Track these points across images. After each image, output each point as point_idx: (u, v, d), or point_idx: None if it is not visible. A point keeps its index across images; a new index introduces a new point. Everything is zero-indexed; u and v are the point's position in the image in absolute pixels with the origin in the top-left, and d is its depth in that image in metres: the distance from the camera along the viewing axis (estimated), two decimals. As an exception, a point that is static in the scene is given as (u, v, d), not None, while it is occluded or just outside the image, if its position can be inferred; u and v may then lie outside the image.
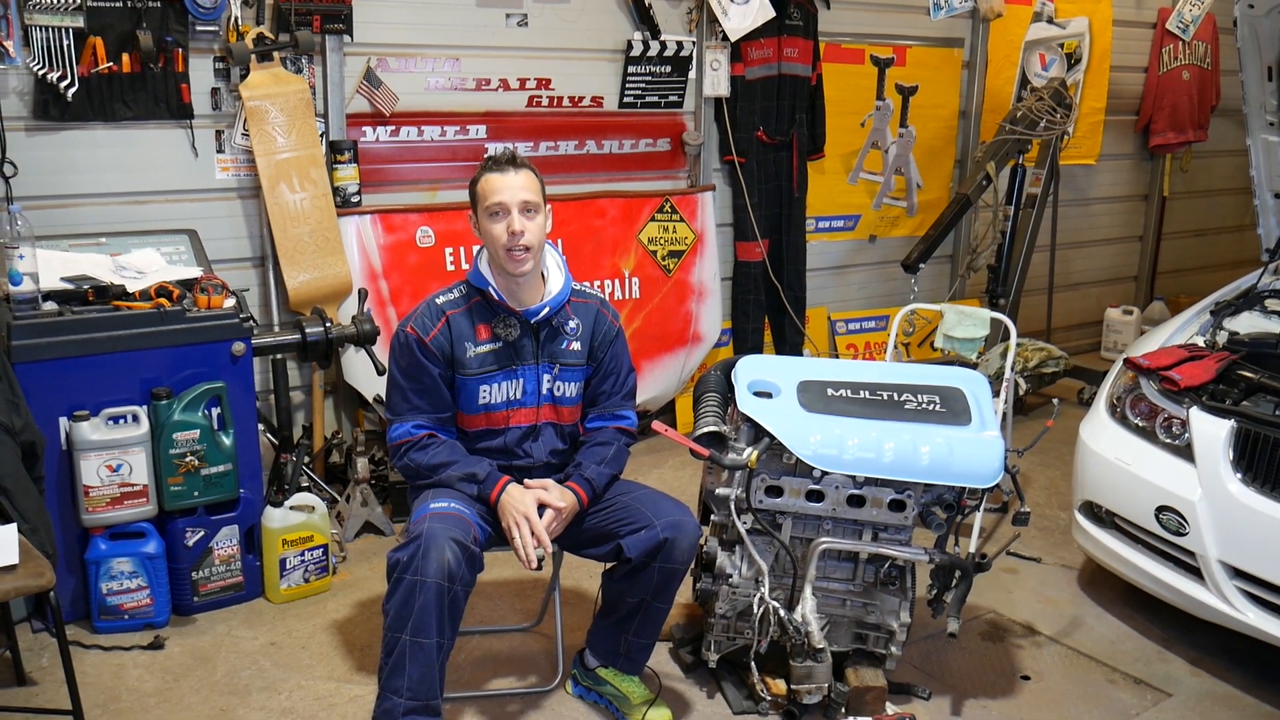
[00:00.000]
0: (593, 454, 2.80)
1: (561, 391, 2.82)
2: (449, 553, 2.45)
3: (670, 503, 2.75)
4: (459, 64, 4.34)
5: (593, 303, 2.87)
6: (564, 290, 2.79)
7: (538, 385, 2.79)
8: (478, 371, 2.74)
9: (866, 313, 5.78)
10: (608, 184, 4.77)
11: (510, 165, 2.70)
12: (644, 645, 2.84)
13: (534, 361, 2.78)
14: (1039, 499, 4.42)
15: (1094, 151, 6.40)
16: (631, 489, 2.83)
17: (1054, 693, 3.07)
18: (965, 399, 2.89)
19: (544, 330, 2.78)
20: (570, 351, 2.81)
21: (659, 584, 2.70)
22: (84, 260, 3.36)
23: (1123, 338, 6.52)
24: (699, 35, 4.82)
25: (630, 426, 2.90)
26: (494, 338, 2.75)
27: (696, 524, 2.71)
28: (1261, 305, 3.75)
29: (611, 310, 2.90)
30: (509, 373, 2.77)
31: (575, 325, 2.82)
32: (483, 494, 2.69)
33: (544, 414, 2.83)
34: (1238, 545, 2.99)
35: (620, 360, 2.89)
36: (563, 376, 2.81)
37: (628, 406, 2.91)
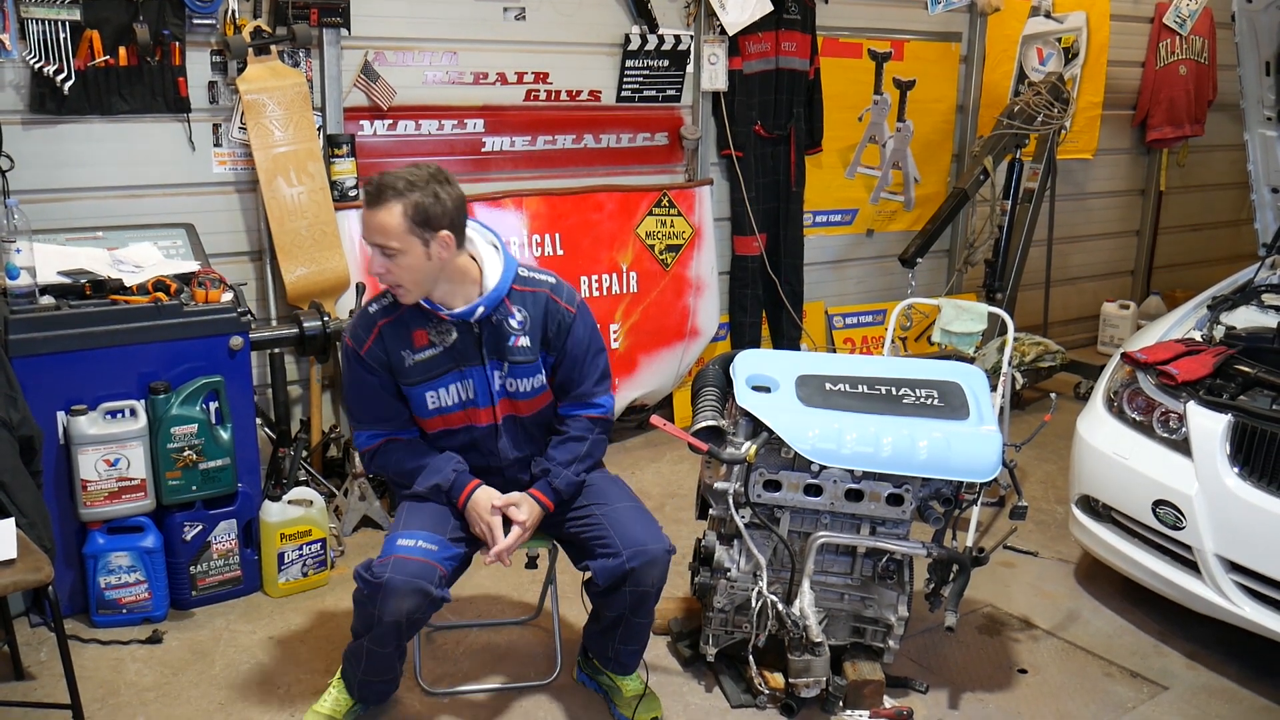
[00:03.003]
0: (563, 452, 2.70)
1: (517, 388, 2.66)
2: (407, 603, 2.46)
3: (640, 525, 2.65)
4: (456, 58, 4.33)
5: (541, 290, 2.64)
6: (501, 285, 2.58)
7: (489, 384, 2.64)
8: (422, 379, 2.62)
9: (864, 307, 5.79)
10: (605, 178, 4.76)
11: (375, 201, 2.44)
12: (632, 651, 2.82)
13: (480, 362, 2.62)
14: (1036, 493, 4.43)
15: (1091, 146, 6.40)
16: (607, 497, 2.73)
17: (1050, 686, 3.07)
18: (963, 393, 2.89)
19: (485, 329, 2.60)
20: (519, 348, 2.62)
21: (632, 604, 2.66)
22: (81, 254, 3.35)
23: (1119, 332, 6.53)
24: (697, 29, 4.81)
25: (603, 413, 2.75)
26: (431, 343, 2.60)
27: (666, 548, 2.63)
28: (1258, 300, 3.76)
29: (566, 293, 2.67)
30: (456, 375, 2.62)
31: (522, 319, 2.62)
32: (451, 501, 2.67)
33: (502, 411, 2.69)
34: (1234, 539, 3.00)
35: (584, 345, 2.68)
36: (515, 373, 2.64)
37: (600, 390, 2.74)
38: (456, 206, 2.48)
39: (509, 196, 4.43)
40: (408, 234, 2.42)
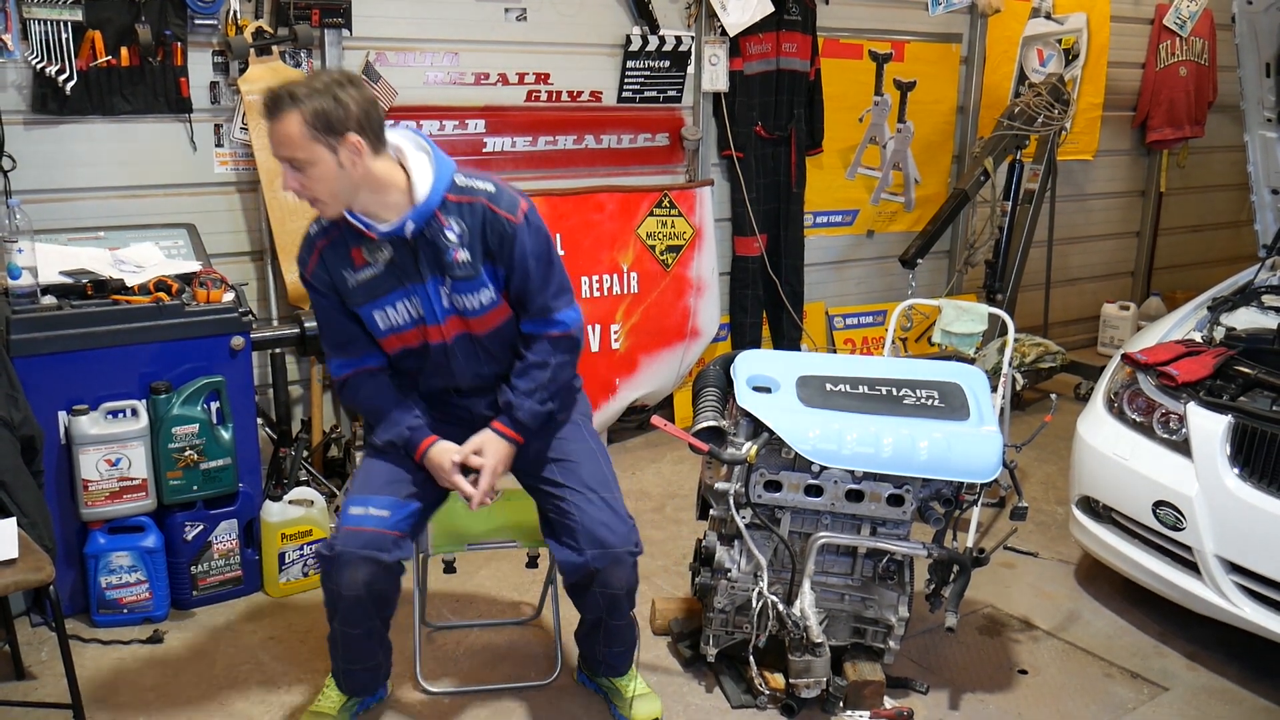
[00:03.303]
0: (525, 380, 2.55)
1: (464, 304, 2.50)
2: (360, 574, 2.46)
3: (606, 520, 2.57)
4: (458, 58, 4.33)
5: (478, 200, 2.44)
6: (432, 197, 2.40)
7: (433, 301, 2.49)
8: (366, 299, 2.50)
9: (864, 308, 5.79)
10: (606, 179, 4.76)
11: (273, 112, 2.30)
12: (618, 653, 2.80)
13: (421, 278, 2.46)
14: (1036, 494, 4.43)
15: (1091, 147, 6.40)
16: (578, 475, 2.62)
17: (1051, 687, 3.08)
18: (963, 394, 2.89)
19: (421, 244, 2.44)
20: (459, 263, 2.45)
21: (606, 607, 2.64)
22: (83, 254, 3.36)
23: (1119, 333, 6.53)
24: (698, 30, 4.82)
25: (565, 331, 2.56)
26: (369, 262, 2.47)
27: (630, 549, 2.57)
28: (1258, 301, 3.76)
29: (507, 201, 2.46)
30: (401, 292, 2.48)
31: (459, 232, 2.43)
32: (409, 455, 2.62)
33: (453, 329, 2.53)
34: (1235, 540, 3.00)
35: (532, 256, 2.48)
36: (459, 289, 2.48)
37: (560, 305, 2.56)
38: (363, 109, 2.31)
39: (510, 197, 4.43)
40: (312, 142, 2.28)
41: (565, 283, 2.59)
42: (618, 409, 4.75)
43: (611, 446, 4.82)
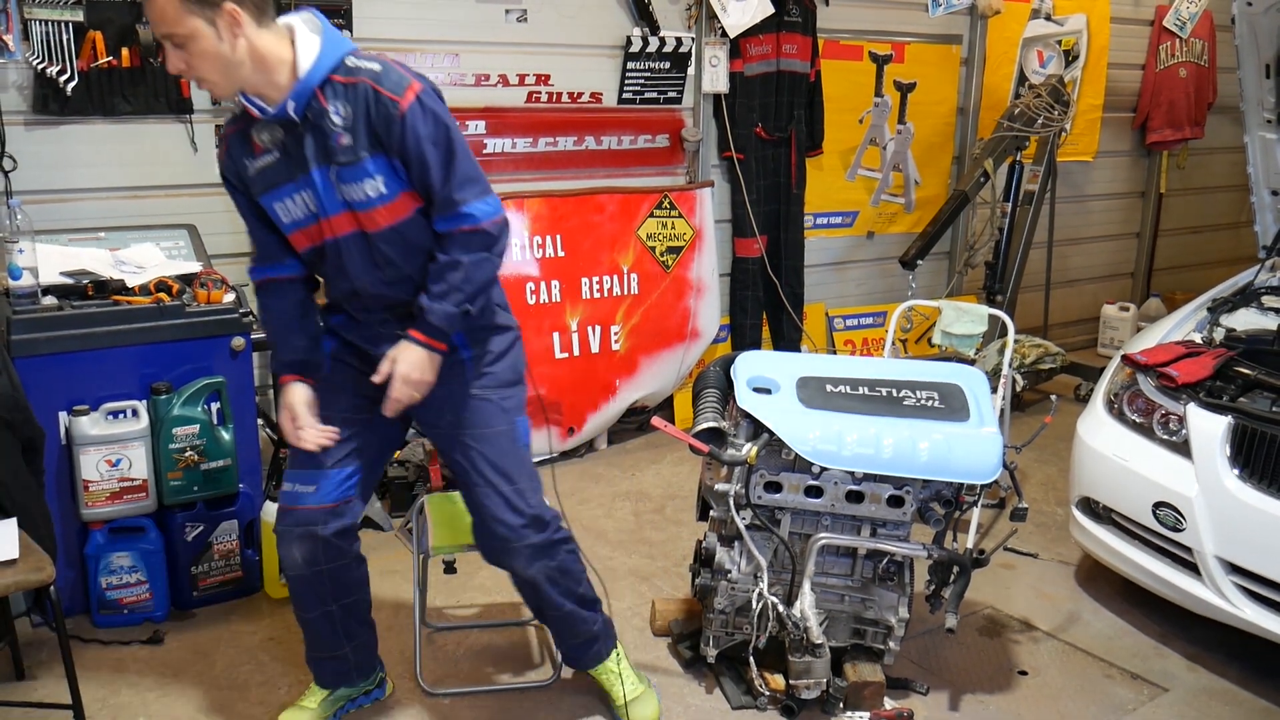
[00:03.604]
0: (438, 283, 2.36)
1: (351, 196, 2.32)
2: (297, 552, 2.50)
3: (500, 508, 2.49)
4: (458, 59, 4.34)
5: (362, 81, 2.25)
6: (311, 75, 2.24)
7: (321, 192, 2.33)
8: (264, 189, 2.38)
9: (864, 309, 5.79)
10: (606, 180, 4.77)
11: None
12: (574, 646, 2.76)
13: (307, 166, 2.31)
14: (1036, 495, 4.43)
15: (1091, 148, 6.41)
16: (483, 452, 2.50)
17: (1051, 688, 3.08)
18: (964, 395, 2.90)
19: (308, 128, 2.28)
20: (342, 148, 2.27)
21: (532, 597, 2.65)
22: (83, 255, 3.36)
23: (1119, 334, 6.54)
24: (698, 31, 4.82)
25: (476, 224, 2.33)
26: (266, 149, 2.34)
27: (526, 539, 2.49)
28: (1258, 302, 3.77)
29: (393, 81, 2.25)
30: (298, 184, 2.34)
31: (343, 114, 2.26)
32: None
33: (343, 224, 2.36)
34: (1235, 541, 3.00)
35: (429, 142, 2.27)
36: (344, 178, 2.30)
37: (468, 197, 2.33)
38: None
39: (510, 198, 4.43)
40: (187, 15, 2.14)
41: (473, 172, 2.35)
42: (618, 410, 4.76)
43: (612, 448, 4.83)
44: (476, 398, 2.52)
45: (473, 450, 2.51)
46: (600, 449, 4.81)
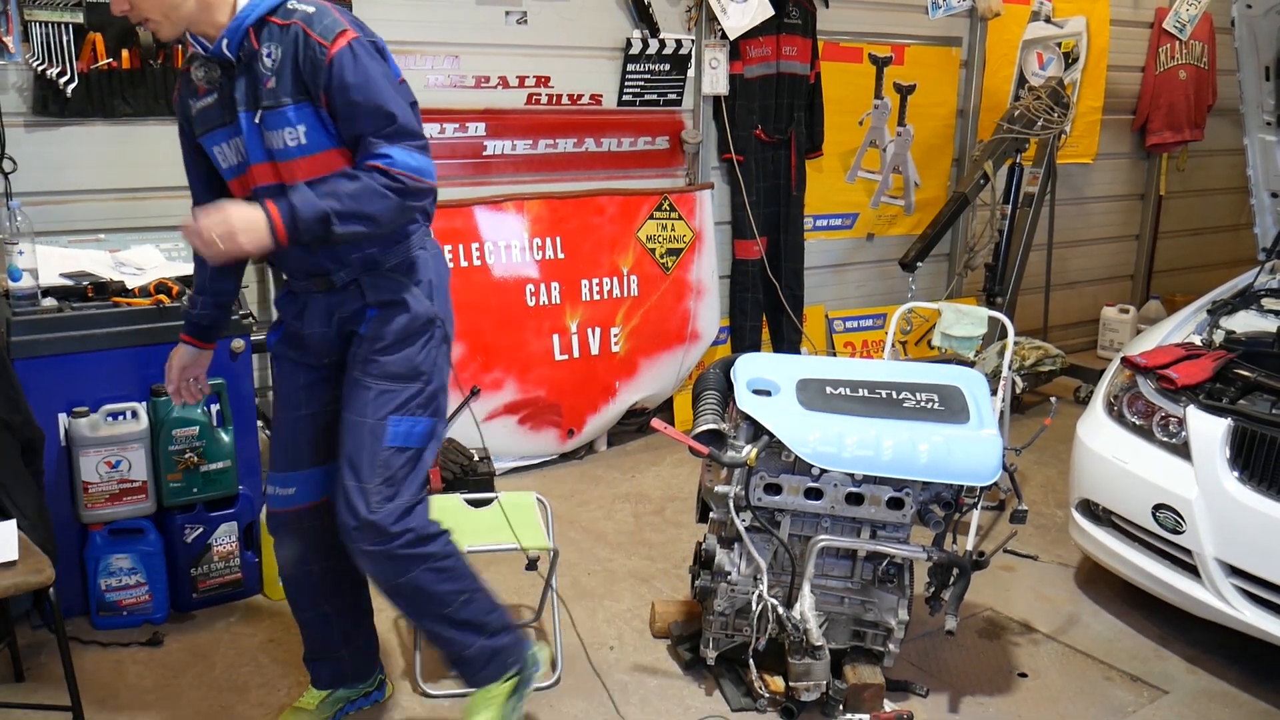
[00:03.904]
0: (323, 184, 2.19)
1: (273, 143, 2.22)
2: (285, 551, 2.55)
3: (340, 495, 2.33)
4: (458, 61, 4.34)
5: (294, 23, 2.17)
6: (246, 14, 2.19)
7: (247, 137, 2.24)
8: (203, 129, 2.33)
9: (864, 311, 5.79)
10: (606, 182, 4.77)
11: None
12: (453, 659, 2.55)
13: (239, 109, 2.23)
14: (1036, 497, 4.43)
15: (1091, 150, 6.41)
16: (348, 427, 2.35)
17: (1051, 690, 3.08)
18: (963, 397, 2.90)
19: (241, 70, 2.21)
20: (267, 91, 2.19)
21: (393, 602, 2.46)
22: (83, 256, 3.36)
23: (1119, 336, 6.54)
24: (698, 33, 4.82)
25: (392, 166, 2.17)
26: (208, 89, 2.27)
27: (363, 542, 2.32)
28: (1258, 304, 3.77)
29: (325, 25, 2.16)
30: (229, 128, 2.27)
31: (274, 57, 2.19)
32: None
33: (265, 176, 2.27)
34: (1235, 543, 3.00)
35: (356, 90, 2.15)
36: (268, 124, 2.21)
37: (392, 142, 2.18)
38: None
39: (510, 200, 4.44)
40: None
41: (408, 126, 2.20)
42: (617, 412, 4.76)
43: (611, 449, 4.83)
44: (356, 380, 2.38)
45: (342, 431, 2.38)
46: (600, 451, 4.81)
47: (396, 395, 2.37)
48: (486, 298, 4.36)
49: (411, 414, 2.38)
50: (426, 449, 2.41)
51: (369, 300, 2.37)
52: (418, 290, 2.41)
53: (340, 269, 2.36)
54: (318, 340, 2.45)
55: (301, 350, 2.49)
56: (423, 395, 2.41)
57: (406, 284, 2.39)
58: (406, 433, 2.38)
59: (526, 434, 4.50)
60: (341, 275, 2.37)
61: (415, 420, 2.39)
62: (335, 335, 2.43)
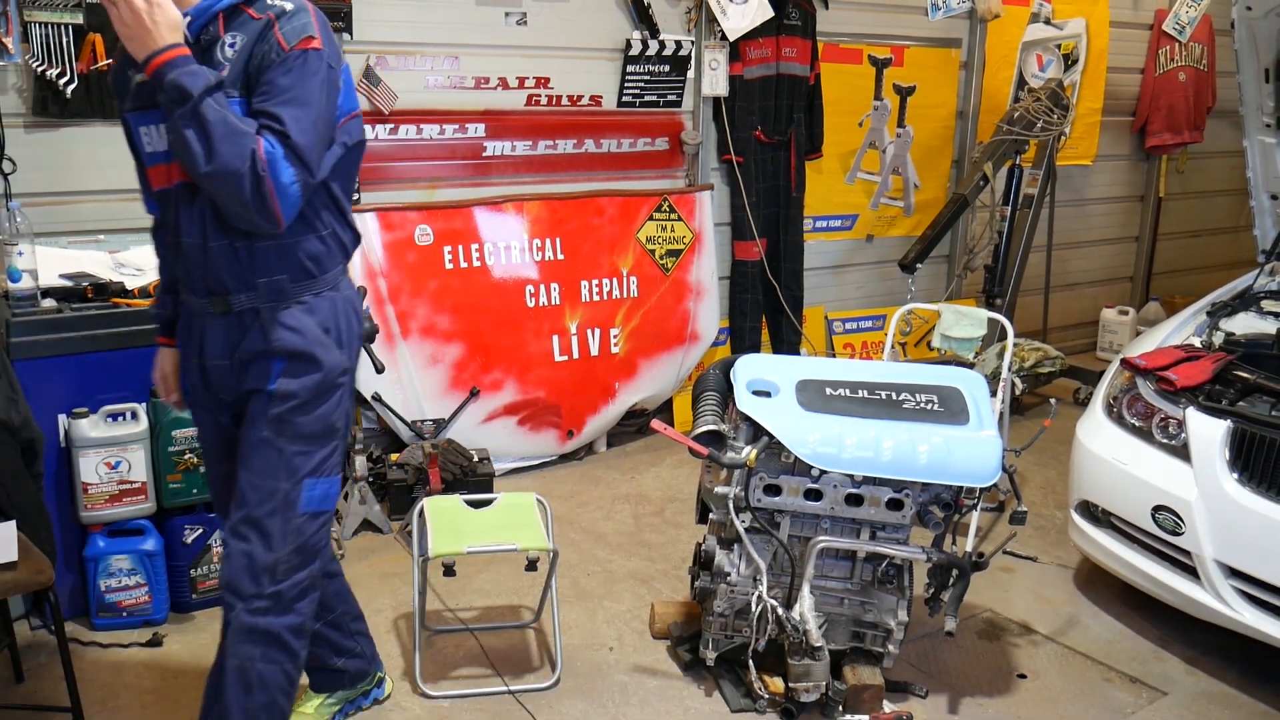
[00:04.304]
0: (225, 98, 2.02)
1: None
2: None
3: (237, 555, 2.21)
4: (458, 62, 4.34)
5: (264, 16, 2.05)
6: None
7: None
8: (135, 105, 2.16)
9: (864, 312, 5.79)
10: (606, 183, 4.77)
11: None
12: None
13: None
14: (1035, 498, 4.43)
15: (1090, 152, 6.41)
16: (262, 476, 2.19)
17: (1050, 691, 3.08)
18: (963, 398, 2.90)
19: (197, 53, 2.05)
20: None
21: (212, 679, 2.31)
22: (83, 257, 3.36)
23: (1118, 338, 6.54)
24: (698, 35, 4.82)
25: (274, 156, 1.99)
26: None
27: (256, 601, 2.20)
28: (1257, 306, 3.77)
29: (294, 28, 2.04)
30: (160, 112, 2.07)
31: (235, 46, 2.05)
32: None
33: (176, 171, 2.11)
34: (1234, 545, 3.00)
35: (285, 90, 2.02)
36: None
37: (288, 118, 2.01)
38: None
39: (510, 201, 4.44)
40: None
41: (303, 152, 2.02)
42: (617, 413, 4.76)
43: (611, 450, 4.83)
44: (265, 440, 2.19)
45: (243, 490, 2.21)
46: (600, 452, 4.81)
47: (311, 457, 2.21)
48: (486, 299, 4.36)
49: (326, 475, 2.24)
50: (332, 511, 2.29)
51: (275, 347, 2.18)
52: (328, 340, 2.23)
53: (241, 290, 2.17)
54: (217, 374, 2.25)
55: (207, 388, 2.29)
56: (336, 454, 2.27)
57: (316, 332, 2.20)
58: (322, 496, 2.24)
59: (526, 435, 4.50)
60: (242, 299, 2.18)
61: (330, 482, 2.25)
62: (234, 374, 2.23)
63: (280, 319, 2.18)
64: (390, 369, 4.00)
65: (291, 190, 2.03)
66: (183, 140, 1.97)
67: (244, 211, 2.02)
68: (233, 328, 2.20)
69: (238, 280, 2.16)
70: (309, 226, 2.18)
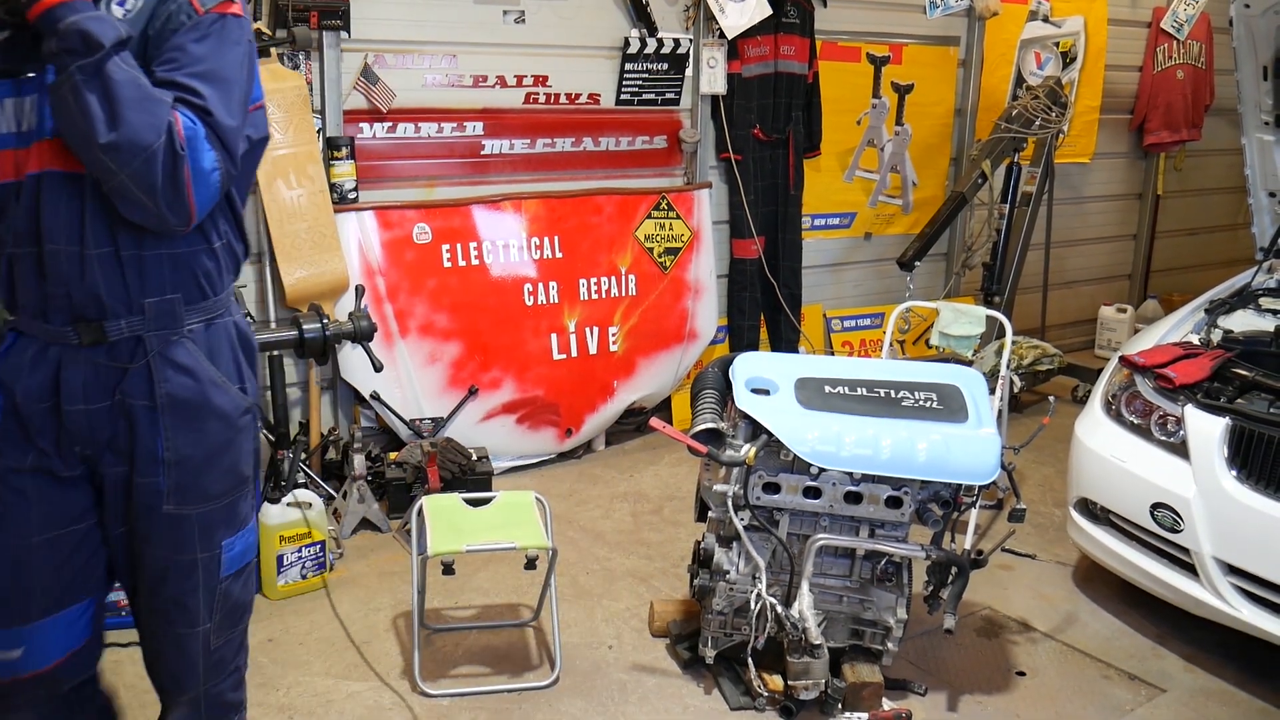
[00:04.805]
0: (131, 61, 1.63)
1: None
2: None
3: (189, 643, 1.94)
4: (456, 60, 4.34)
5: None
6: None
7: (42, 105, 1.66)
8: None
9: (862, 310, 5.79)
10: (604, 181, 4.77)
11: None
12: None
13: (42, 64, 1.65)
14: (1034, 496, 4.43)
15: (1089, 150, 6.42)
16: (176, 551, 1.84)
17: (1049, 688, 3.08)
18: (962, 396, 2.90)
19: None
20: None
21: None
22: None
23: (1116, 336, 6.55)
24: (696, 33, 4.82)
25: (201, 102, 1.66)
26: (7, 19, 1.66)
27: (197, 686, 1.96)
28: (1255, 303, 3.77)
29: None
30: (22, 83, 1.68)
31: (127, 8, 1.67)
32: None
33: (52, 156, 1.67)
34: (1232, 542, 3.00)
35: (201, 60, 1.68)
36: None
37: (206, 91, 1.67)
38: None
39: (508, 199, 4.44)
40: None
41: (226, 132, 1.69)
42: (616, 411, 4.76)
43: (610, 448, 4.83)
44: (168, 514, 1.82)
45: (150, 577, 1.88)
46: (598, 450, 4.81)
47: (224, 513, 1.89)
48: (484, 297, 4.36)
49: (243, 525, 1.93)
50: None
51: (164, 399, 1.78)
52: (227, 380, 1.86)
53: (123, 314, 1.74)
54: (78, 422, 1.77)
55: (29, 440, 1.79)
56: (250, 497, 1.96)
57: (210, 372, 1.83)
58: (242, 551, 1.94)
59: (525, 433, 4.50)
60: (121, 325, 1.74)
61: (249, 531, 1.95)
62: (107, 424, 1.78)
63: (170, 356, 1.78)
64: (388, 367, 4.00)
65: (212, 179, 1.69)
66: (78, 104, 1.55)
67: (147, 201, 1.63)
68: (105, 364, 1.75)
69: (119, 300, 1.73)
70: (204, 235, 1.80)
